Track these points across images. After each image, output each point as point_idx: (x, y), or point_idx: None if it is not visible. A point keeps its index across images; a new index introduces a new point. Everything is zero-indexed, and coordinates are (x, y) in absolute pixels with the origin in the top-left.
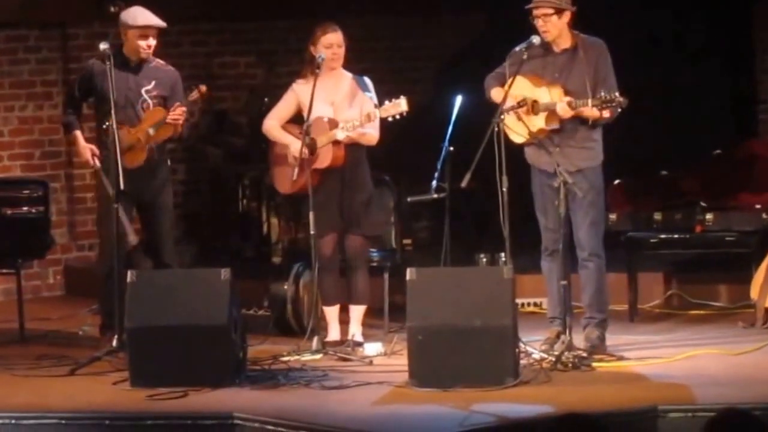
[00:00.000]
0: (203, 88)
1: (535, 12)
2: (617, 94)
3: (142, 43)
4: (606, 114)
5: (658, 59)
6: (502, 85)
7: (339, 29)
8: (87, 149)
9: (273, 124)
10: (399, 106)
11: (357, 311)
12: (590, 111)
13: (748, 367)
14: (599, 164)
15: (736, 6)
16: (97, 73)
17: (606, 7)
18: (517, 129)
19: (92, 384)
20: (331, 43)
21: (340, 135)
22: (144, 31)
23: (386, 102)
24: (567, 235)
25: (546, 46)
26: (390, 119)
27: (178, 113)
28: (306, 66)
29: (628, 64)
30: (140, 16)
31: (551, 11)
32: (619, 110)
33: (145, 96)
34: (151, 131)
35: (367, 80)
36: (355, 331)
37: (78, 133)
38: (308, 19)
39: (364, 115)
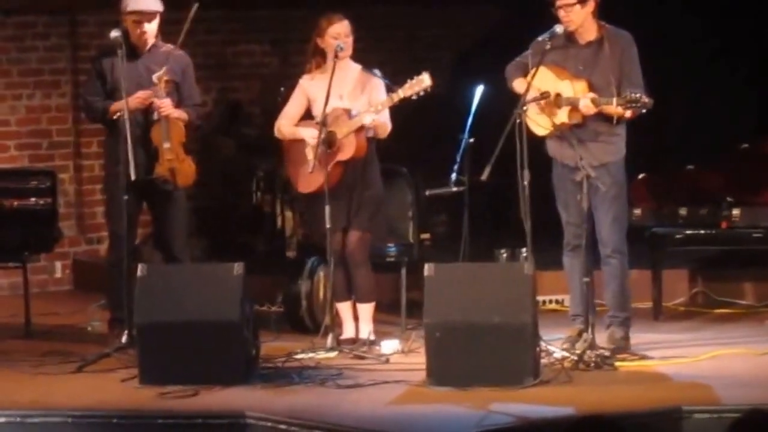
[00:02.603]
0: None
1: (558, 2)
2: (642, 94)
3: (137, 29)
4: (629, 114)
5: (685, 52)
6: (524, 74)
7: (345, 19)
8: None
9: (284, 123)
10: (422, 81)
11: (364, 310)
12: (614, 109)
13: None
14: (622, 159)
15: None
16: (105, 65)
17: (633, 2)
18: (539, 121)
19: (100, 381)
20: (338, 33)
21: (368, 119)
22: (138, 16)
23: (407, 81)
24: (589, 230)
25: (570, 37)
26: (414, 97)
27: (139, 97)
28: (311, 59)
29: (653, 58)
30: (133, 1)
31: (574, 1)
32: (644, 111)
33: (158, 84)
34: (167, 145)
35: (376, 71)
36: (366, 330)
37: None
38: (324, 7)
39: (381, 99)
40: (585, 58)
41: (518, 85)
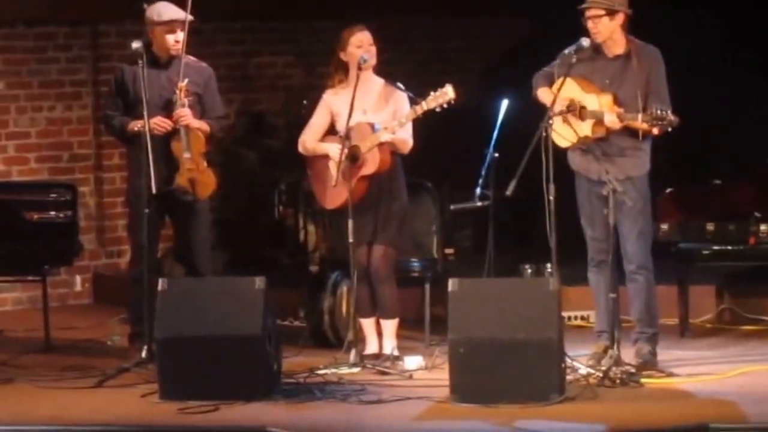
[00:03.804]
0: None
1: (587, 13)
2: (669, 111)
3: (170, 39)
4: (655, 130)
5: (712, 66)
6: (550, 84)
7: (366, 29)
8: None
9: (308, 139)
10: (446, 94)
11: (387, 326)
12: (640, 125)
13: None
14: (647, 172)
15: None
16: (127, 76)
17: (660, 16)
18: (563, 132)
19: (120, 396)
20: (361, 42)
21: (386, 136)
22: (170, 26)
23: (431, 93)
24: (614, 245)
25: (598, 49)
26: (438, 109)
27: (157, 122)
28: (334, 74)
29: (682, 70)
30: (165, 10)
31: (602, 12)
32: (670, 129)
33: (178, 93)
34: (188, 155)
35: (399, 84)
36: (390, 346)
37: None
38: (348, 19)
39: (405, 113)
40: (612, 71)
41: (543, 94)
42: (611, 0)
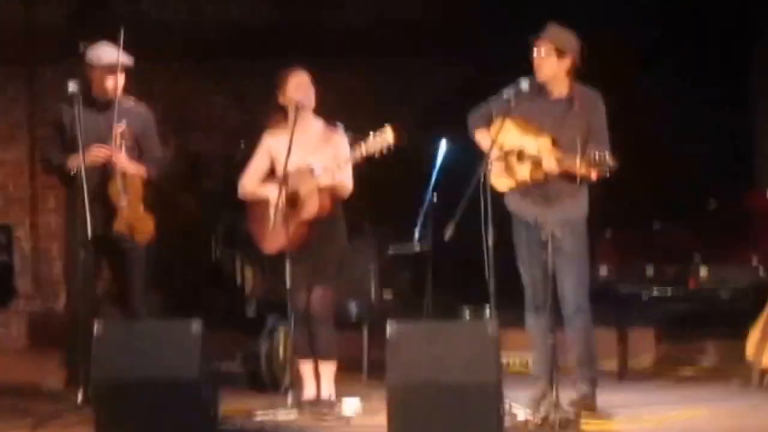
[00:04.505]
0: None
1: (537, 46)
2: (608, 155)
3: (109, 82)
4: (594, 175)
5: (653, 110)
6: (488, 123)
7: (304, 70)
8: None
9: (248, 182)
10: (385, 137)
11: (326, 369)
12: (578, 169)
13: (742, 430)
14: (585, 216)
15: (733, 56)
16: (66, 118)
17: (603, 53)
18: (501, 176)
19: None
20: (299, 84)
21: (325, 181)
22: (109, 69)
23: (370, 135)
24: (552, 289)
25: (541, 90)
26: (377, 156)
27: (95, 152)
28: (273, 115)
29: (622, 115)
30: (104, 53)
31: (552, 49)
32: (608, 173)
33: (115, 137)
34: (125, 201)
35: (340, 125)
36: (328, 389)
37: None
38: (287, 59)
39: (345, 156)
40: (553, 114)
41: (481, 137)
42: (563, 40)
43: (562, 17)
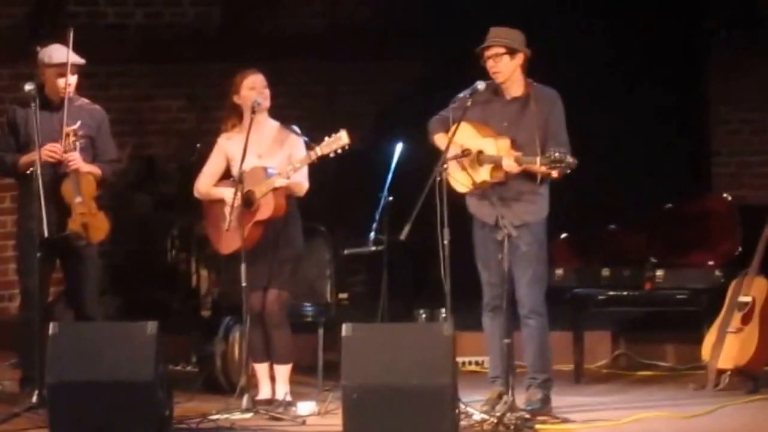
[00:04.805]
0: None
1: (487, 53)
2: (568, 154)
3: (61, 82)
4: (554, 173)
5: (609, 112)
6: (446, 129)
7: (260, 73)
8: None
9: (203, 184)
10: (340, 139)
11: (281, 371)
12: (538, 168)
13: (698, 431)
14: (544, 218)
15: (689, 59)
16: (19, 118)
17: (558, 56)
18: (460, 178)
19: None
20: (254, 85)
21: (280, 181)
22: (62, 69)
23: (325, 138)
24: (509, 290)
25: (495, 92)
26: (332, 155)
27: (48, 149)
28: (228, 117)
29: (578, 115)
30: (56, 53)
31: (503, 51)
32: (568, 171)
33: (65, 137)
34: (79, 199)
35: (295, 127)
36: (283, 391)
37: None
38: (243, 62)
39: (300, 157)
40: (510, 114)
41: (439, 140)
42: (511, 39)
43: (511, 17)
